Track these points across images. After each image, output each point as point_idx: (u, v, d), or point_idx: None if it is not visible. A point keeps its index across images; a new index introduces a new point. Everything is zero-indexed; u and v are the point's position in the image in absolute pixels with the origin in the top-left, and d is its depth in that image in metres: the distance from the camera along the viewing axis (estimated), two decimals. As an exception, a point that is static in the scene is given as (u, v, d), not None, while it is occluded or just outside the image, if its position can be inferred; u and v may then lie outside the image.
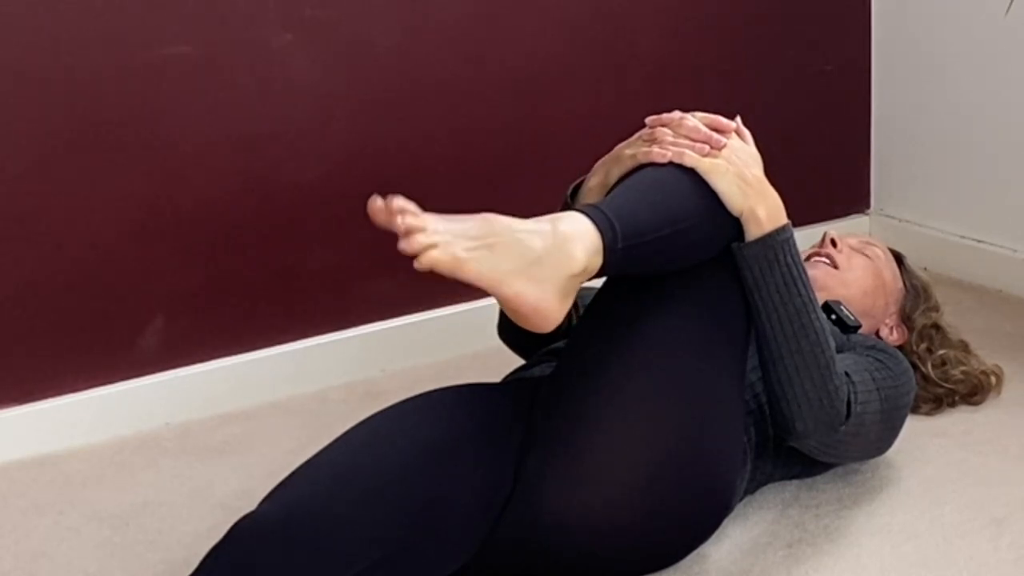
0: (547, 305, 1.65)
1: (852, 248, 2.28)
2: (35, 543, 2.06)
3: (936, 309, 2.34)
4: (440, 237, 1.61)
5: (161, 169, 2.39)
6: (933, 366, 2.30)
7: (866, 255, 2.28)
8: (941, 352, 2.31)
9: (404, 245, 1.61)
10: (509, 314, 1.67)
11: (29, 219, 2.31)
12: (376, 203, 1.61)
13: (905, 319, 2.31)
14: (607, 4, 2.76)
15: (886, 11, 3.07)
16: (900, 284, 2.32)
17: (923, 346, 2.30)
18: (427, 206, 2.62)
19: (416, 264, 1.60)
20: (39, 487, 2.24)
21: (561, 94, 2.75)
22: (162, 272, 2.43)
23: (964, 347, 2.36)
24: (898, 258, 2.35)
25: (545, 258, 1.64)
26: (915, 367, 2.25)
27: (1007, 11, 2.72)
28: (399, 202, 1.61)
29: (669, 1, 2.82)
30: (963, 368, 2.32)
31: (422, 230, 1.60)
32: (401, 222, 1.60)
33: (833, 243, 2.27)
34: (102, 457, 2.34)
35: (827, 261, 2.25)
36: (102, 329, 2.39)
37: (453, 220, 1.64)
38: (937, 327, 2.32)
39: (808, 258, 2.26)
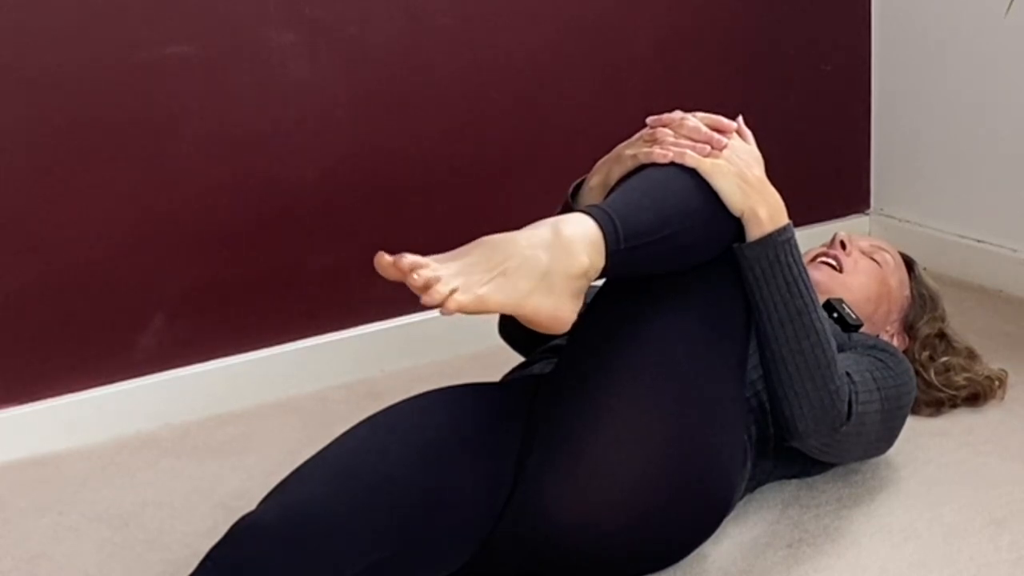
0: (563, 312, 1.67)
1: (862, 251, 2.26)
2: (35, 543, 2.06)
3: (942, 319, 2.31)
4: (457, 280, 1.59)
5: (161, 169, 2.39)
6: (936, 373, 2.28)
7: (875, 260, 2.25)
8: (944, 359, 2.29)
9: (426, 300, 1.58)
10: (528, 324, 1.68)
11: (29, 219, 2.31)
12: (384, 259, 1.58)
13: (907, 327, 2.29)
14: (606, 4, 2.76)
15: (886, 10, 3.07)
16: (906, 292, 2.29)
17: (925, 354, 2.28)
18: (427, 206, 2.65)
19: (442, 312, 1.58)
20: (39, 487, 2.24)
21: (561, 94, 2.75)
22: (162, 272, 2.42)
23: (970, 354, 2.34)
24: (909, 264, 2.32)
25: (553, 267, 1.64)
26: (917, 373, 2.23)
27: (1007, 11, 2.71)
28: (409, 259, 1.58)
29: (668, 1, 2.82)
30: (967, 375, 2.30)
31: (438, 280, 1.58)
32: (417, 278, 1.58)
33: (842, 245, 2.25)
34: (102, 457, 2.33)
35: (833, 264, 2.22)
36: (102, 329, 2.39)
37: (457, 256, 1.63)
38: (942, 335, 2.30)
39: (814, 258, 2.25)
